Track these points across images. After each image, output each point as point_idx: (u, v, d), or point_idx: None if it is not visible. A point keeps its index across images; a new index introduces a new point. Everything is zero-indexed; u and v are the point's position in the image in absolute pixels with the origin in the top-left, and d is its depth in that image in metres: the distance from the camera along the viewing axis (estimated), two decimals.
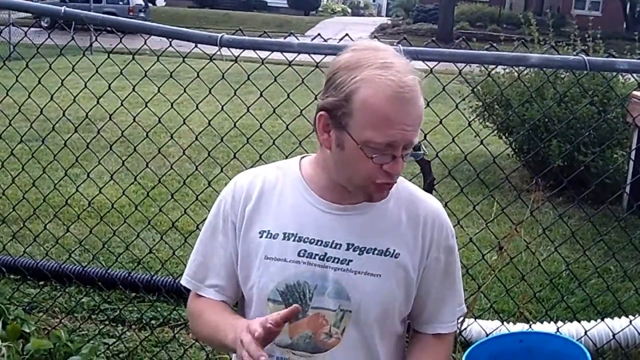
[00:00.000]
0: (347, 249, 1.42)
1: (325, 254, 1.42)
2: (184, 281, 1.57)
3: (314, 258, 1.42)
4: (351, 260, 1.42)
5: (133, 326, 3.59)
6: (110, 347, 3.31)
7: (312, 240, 1.43)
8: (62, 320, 3.47)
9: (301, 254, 1.42)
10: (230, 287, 1.53)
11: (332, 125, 1.35)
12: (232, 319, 1.46)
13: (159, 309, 3.68)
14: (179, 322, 3.55)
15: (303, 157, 1.54)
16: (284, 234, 1.44)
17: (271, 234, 1.45)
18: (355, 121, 1.31)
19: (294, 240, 1.44)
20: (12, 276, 3.88)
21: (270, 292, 1.44)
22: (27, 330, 3.03)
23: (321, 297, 1.42)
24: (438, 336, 1.54)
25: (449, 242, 1.51)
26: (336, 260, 1.42)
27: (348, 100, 1.31)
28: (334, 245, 1.43)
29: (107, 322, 3.58)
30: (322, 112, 1.36)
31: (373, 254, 1.43)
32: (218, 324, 1.47)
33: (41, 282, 3.86)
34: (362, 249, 1.43)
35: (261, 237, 1.46)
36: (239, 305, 1.57)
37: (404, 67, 1.31)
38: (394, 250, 1.44)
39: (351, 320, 1.42)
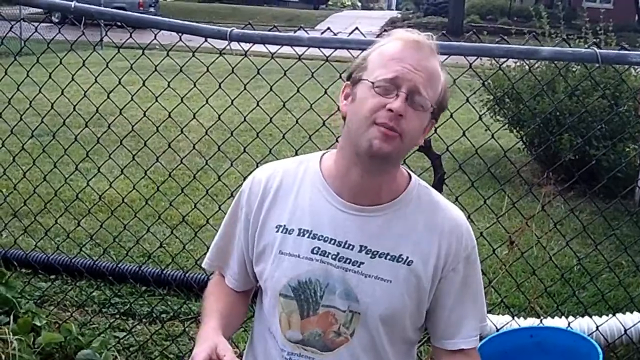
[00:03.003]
0: (360, 251, 1.41)
1: (338, 253, 1.41)
2: (204, 264, 1.65)
3: (327, 257, 1.42)
4: (362, 263, 1.41)
5: (143, 320, 3.60)
6: (121, 341, 3.33)
7: (327, 239, 1.42)
8: (73, 314, 3.49)
9: (314, 252, 1.42)
10: (241, 275, 1.58)
11: (350, 86, 1.42)
12: (214, 320, 1.48)
13: (169, 303, 3.69)
14: (189, 316, 3.56)
15: (324, 153, 1.53)
16: (299, 229, 1.44)
17: (287, 229, 1.45)
18: (369, 68, 1.39)
19: (308, 237, 1.43)
20: (23, 270, 3.89)
21: (283, 287, 1.44)
22: (38, 324, 3.04)
23: (332, 296, 1.41)
24: (462, 352, 1.48)
25: (468, 253, 1.46)
26: (348, 261, 1.41)
27: (365, 59, 1.41)
28: (347, 246, 1.42)
29: (117, 316, 3.59)
30: (346, 83, 1.45)
31: (385, 258, 1.41)
32: (204, 319, 1.52)
33: (52, 276, 3.88)
34: (375, 252, 1.41)
35: (277, 231, 1.46)
36: (258, 293, 1.58)
37: (420, 36, 1.39)
38: (407, 257, 1.41)
39: (360, 322, 1.41)
